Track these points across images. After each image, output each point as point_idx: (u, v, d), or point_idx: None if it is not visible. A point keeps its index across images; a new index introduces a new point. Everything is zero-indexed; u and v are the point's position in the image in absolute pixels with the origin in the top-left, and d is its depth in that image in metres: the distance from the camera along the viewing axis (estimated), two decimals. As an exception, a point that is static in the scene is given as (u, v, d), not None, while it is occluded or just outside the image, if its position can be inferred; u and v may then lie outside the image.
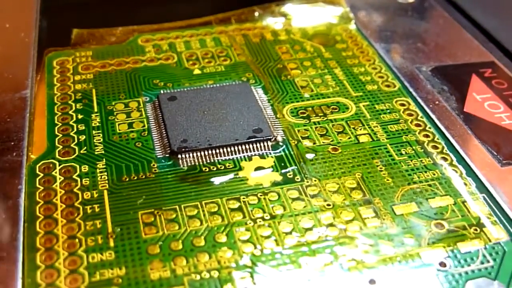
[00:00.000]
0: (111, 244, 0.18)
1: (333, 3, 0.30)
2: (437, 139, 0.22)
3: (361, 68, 0.26)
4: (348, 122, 0.23)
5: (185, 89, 0.24)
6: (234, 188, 0.20)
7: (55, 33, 0.29)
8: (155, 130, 0.22)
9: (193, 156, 0.21)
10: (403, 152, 0.22)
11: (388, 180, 0.20)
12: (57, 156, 0.21)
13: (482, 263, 0.18)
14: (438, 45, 0.28)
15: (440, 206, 0.20)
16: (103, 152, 0.21)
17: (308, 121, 0.23)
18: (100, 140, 0.22)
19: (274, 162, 0.21)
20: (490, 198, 0.20)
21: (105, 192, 0.19)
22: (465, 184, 0.21)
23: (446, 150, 0.22)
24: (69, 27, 0.28)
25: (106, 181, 0.20)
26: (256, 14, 0.29)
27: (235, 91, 0.24)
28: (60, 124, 0.22)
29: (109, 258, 0.17)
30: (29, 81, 0.24)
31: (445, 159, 0.21)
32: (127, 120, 0.23)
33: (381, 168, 0.21)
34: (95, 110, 0.23)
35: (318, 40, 0.28)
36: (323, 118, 0.23)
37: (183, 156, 0.21)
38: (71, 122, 0.22)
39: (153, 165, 0.21)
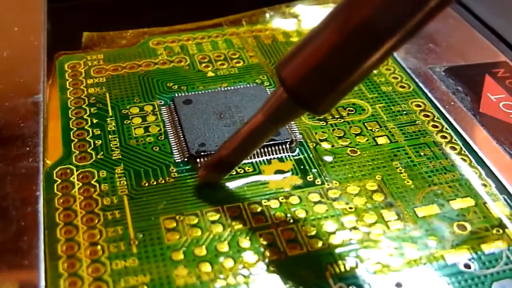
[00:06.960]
0: (134, 250, 0.18)
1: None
2: (455, 140, 0.22)
3: (374, 69, 0.26)
4: (365, 123, 0.23)
5: (200, 92, 0.24)
6: (255, 192, 0.20)
7: (63, 36, 0.28)
8: (172, 134, 0.22)
9: (211, 160, 0.21)
10: (422, 154, 0.22)
11: (408, 182, 0.20)
12: (74, 161, 0.21)
13: (506, 264, 0.18)
14: (449, 46, 0.28)
15: (462, 208, 0.20)
16: (120, 156, 0.21)
17: (325, 123, 0.23)
18: (116, 144, 0.21)
19: (293, 165, 0.21)
20: (511, 199, 0.20)
21: (125, 198, 0.19)
22: (485, 185, 0.20)
23: (464, 151, 0.22)
24: (77, 30, 0.28)
25: (126, 186, 0.20)
26: (267, 15, 0.29)
27: (250, 94, 0.23)
28: (75, 128, 0.22)
29: (133, 264, 0.17)
30: (41, 85, 0.24)
31: (464, 160, 0.21)
32: (143, 124, 0.22)
33: (400, 170, 0.21)
34: (110, 114, 0.23)
35: (330, 41, 0.28)
36: (340, 120, 0.23)
37: (202, 160, 0.21)
38: (86, 127, 0.22)
39: (172, 169, 0.20)
